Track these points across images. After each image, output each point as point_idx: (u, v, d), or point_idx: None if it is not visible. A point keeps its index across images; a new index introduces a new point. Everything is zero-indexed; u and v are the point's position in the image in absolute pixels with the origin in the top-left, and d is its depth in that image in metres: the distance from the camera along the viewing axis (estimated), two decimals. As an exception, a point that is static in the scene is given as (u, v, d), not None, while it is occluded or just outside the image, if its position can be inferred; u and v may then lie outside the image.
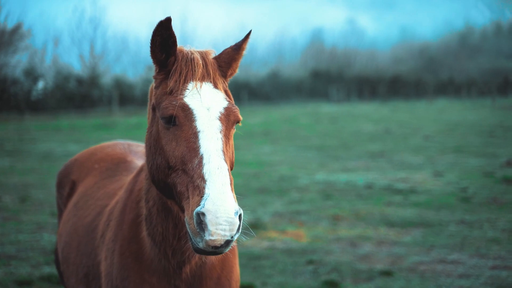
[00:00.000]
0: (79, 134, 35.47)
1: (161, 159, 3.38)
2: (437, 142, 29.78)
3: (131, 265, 3.89)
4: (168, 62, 3.50)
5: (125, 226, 3.99)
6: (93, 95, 61.29)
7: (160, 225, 3.72)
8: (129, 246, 3.92)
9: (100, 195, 4.77)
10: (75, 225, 4.76)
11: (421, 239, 11.62)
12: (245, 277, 9.43)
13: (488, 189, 16.72)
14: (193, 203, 3.12)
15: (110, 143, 5.74)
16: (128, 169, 4.98)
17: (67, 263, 4.77)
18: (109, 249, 4.07)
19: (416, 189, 16.78)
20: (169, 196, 3.46)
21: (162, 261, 3.80)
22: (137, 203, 3.98)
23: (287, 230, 12.22)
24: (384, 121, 44.84)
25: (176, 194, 3.31)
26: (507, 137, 31.65)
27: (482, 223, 12.76)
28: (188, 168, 3.22)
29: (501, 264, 10.03)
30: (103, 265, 4.11)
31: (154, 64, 3.53)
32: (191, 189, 3.17)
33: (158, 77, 3.54)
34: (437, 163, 22.24)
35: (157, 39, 3.44)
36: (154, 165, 3.44)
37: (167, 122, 3.36)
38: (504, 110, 59.23)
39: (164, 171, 3.36)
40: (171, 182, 3.33)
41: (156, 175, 3.44)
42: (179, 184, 3.26)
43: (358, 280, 9.41)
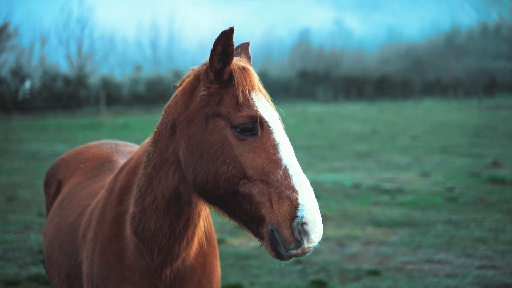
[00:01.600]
0: (66, 134, 35.36)
1: (229, 169, 3.41)
2: (424, 142, 29.88)
3: (112, 263, 3.89)
4: (224, 71, 3.51)
5: (106, 225, 3.99)
6: (80, 95, 61.12)
7: (154, 222, 3.72)
8: (110, 245, 3.93)
9: (83, 194, 4.77)
10: (59, 225, 4.76)
11: (408, 239, 11.67)
12: (233, 277, 9.45)
13: (474, 189, 16.80)
14: (284, 212, 3.25)
15: (98, 143, 5.73)
16: (112, 169, 4.97)
17: (50, 263, 4.78)
18: (89, 248, 4.07)
19: (403, 189, 16.84)
20: (223, 203, 3.52)
21: (146, 259, 3.80)
22: (120, 202, 3.98)
23: (274, 230, 12.23)
24: (371, 121, 44.94)
25: (252, 202, 3.36)
26: (493, 137, 31.80)
27: (468, 223, 12.82)
28: (271, 179, 3.33)
29: (487, 264, 10.09)
30: (84, 265, 4.12)
31: (210, 73, 3.52)
32: (277, 199, 3.29)
33: (213, 86, 3.53)
34: (424, 163, 22.32)
35: (219, 48, 3.46)
36: (213, 174, 3.45)
37: (243, 133, 3.42)
38: (490, 110, 59.51)
39: (233, 180, 3.40)
40: (243, 191, 3.38)
41: (215, 183, 3.45)
42: (258, 194, 3.34)
43: (346, 279, 9.44)
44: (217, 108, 3.48)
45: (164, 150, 3.67)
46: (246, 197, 3.38)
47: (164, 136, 3.68)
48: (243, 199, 3.39)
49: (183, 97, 3.65)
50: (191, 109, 3.57)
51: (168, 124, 3.67)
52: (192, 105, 3.58)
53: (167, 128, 3.67)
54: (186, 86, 3.66)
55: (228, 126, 3.44)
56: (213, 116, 3.49)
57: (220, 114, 3.47)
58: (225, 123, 3.45)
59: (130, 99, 66.98)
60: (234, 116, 3.43)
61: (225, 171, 3.41)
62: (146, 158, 3.79)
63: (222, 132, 3.45)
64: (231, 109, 3.45)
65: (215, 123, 3.48)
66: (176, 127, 3.62)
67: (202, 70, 3.60)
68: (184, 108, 3.60)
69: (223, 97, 3.50)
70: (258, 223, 3.37)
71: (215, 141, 3.46)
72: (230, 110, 3.45)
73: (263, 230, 3.34)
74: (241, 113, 3.42)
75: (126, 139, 6.50)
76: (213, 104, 3.50)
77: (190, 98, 3.60)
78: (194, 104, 3.56)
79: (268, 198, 3.31)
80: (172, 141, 3.63)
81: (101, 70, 75.42)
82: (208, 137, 3.48)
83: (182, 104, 3.63)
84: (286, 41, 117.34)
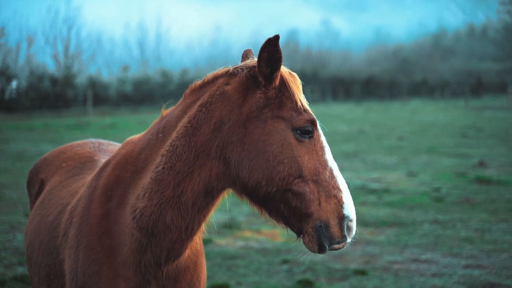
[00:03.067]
0: (53, 134, 35.23)
1: (286, 168, 3.61)
2: (411, 143, 29.98)
3: (103, 259, 3.88)
4: (274, 76, 3.69)
5: (93, 221, 3.97)
6: (67, 95, 60.93)
7: (171, 217, 3.77)
8: (100, 241, 3.92)
9: (63, 194, 4.75)
10: (39, 224, 4.74)
11: (395, 238, 11.70)
12: (219, 276, 9.45)
13: (461, 189, 16.87)
14: (333, 209, 3.59)
15: (81, 142, 5.69)
16: (93, 168, 4.95)
17: (30, 263, 4.76)
18: (72, 246, 4.05)
19: (390, 189, 16.89)
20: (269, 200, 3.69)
21: (147, 255, 3.83)
22: (108, 198, 3.97)
23: (262, 230, 12.25)
24: (359, 121, 45.05)
25: (303, 200, 3.60)
26: (479, 138, 31.95)
27: (455, 223, 12.88)
28: (320, 179, 3.62)
29: (473, 263, 10.13)
30: (67, 263, 4.10)
31: (260, 78, 3.70)
32: (325, 197, 3.59)
33: (269, 90, 3.72)
34: (411, 163, 22.40)
35: (264, 55, 3.63)
36: (269, 172, 3.63)
37: (303, 135, 3.66)
38: (477, 111, 59.80)
39: (288, 179, 3.60)
40: (296, 190, 3.60)
41: (270, 181, 3.63)
42: (309, 192, 3.60)
43: (333, 279, 9.46)
44: (278, 111, 3.68)
45: (203, 145, 3.73)
46: (298, 195, 3.60)
47: (204, 131, 3.73)
48: (294, 197, 3.61)
49: (234, 96, 3.74)
50: (245, 109, 3.70)
51: (211, 119, 3.73)
52: (246, 105, 3.71)
53: (210, 124, 3.73)
54: (238, 86, 3.76)
55: (288, 128, 3.65)
56: (272, 118, 3.67)
57: (282, 116, 3.68)
58: (286, 125, 3.66)
59: (117, 99, 66.87)
60: (296, 119, 3.66)
61: (282, 170, 3.61)
62: (170, 152, 3.78)
63: (282, 133, 3.65)
64: (292, 112, 3.68)
65: (274, 125, 3.67)
66: (223, 124, 3.71)
67: (253, 72, 3.76)
68: (237, 107, 3.72)
69: (283, 100, 3.71)
70: (303, 219, 3.62)
71: (273, 141, 3.65)
72: (292, 113, 3.67)
73: (308, 225, 3.60)
74: (302, 117, 3.67)
75: (113, 139, 6.48)
76: (273, 107, 3.69)
77: (244, 98, 3.73)
78: (249, 105, 3.70)
79: (317, 196, 3.59)
80: (216, 137, 3.71)
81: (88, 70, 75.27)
82: (265, 137, 3.65)
83: (234, 103, 3.73)
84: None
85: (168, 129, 3.87)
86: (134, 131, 4.63)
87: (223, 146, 3.69)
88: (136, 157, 3.96)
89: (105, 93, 65.77)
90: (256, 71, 3.70)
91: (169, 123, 3.88)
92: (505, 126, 39.23)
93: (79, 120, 48.67)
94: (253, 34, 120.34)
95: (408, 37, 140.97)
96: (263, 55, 3.64)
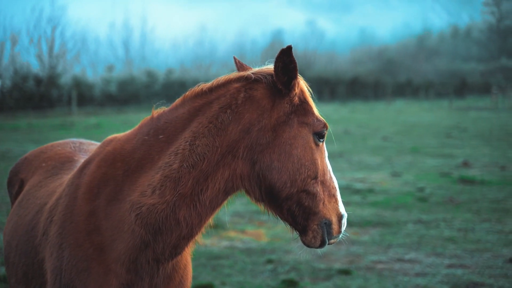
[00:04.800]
0: (38, 134, 35.08)
1: (306, 170, 3.89)
2: (395, 143, 30.09)
3: (93, 256, 3.88)
4: (292, 84, 3.90)
5: (80, 219, 3.96)
6: (51, 95, 60.56)
7: (183, 214, 3.86)
8: (90, 238, 3.91)
9: (40, 193, 4.73)
10: (16, 225, 4.73)
11: (379, 238, 11.76)
12: (204, 276, 9.46)
13: (444, 189, 16.96)
14: (334, 208, 3.97)
15: (62, 142, 5.65)
16: (72, 168, 4.93)
17: (7, 263, 4.74)
18: (55, 244, 4.03)
19: (374, 189, 16.95)
20: (286, 201, 3.91)
21: (147, 253, 3.87)
22: (96, 195, 3.96)
23: (246, 230, 12.27)
24: (344, 121, 45.12)
25: (314, 199, 3.91)
26: (463, 138, 32.10)
27: (438, 223, 12.95)
28: (325, 180, 3.96)
29: (456, 263, 10.20)
30: (49, 261, 4.08)
31: (279, 85, 3.89)
32: (328, 196, 3.94)
33: (295, 98, 3.95)
34: (395, 164, 22.48)
35: (279, 64, 3.83)
36: (293, 174, 3.87)
37: (319, 139, 3.97)
38: (461, 111, 60.05)
39: (306, 180, 3.88)
40: (312, 190, 3.90)
41: (293, 182, 3.88)
42: (320, 192, 3.92)
43: (317, 279, 9.49)
44: (303, 118, 3.95)
45: (229, 145, 3.84)
46: (311, 195, 3.90)
47: (231, 131, 3.84)
48: (308, 197, 3.90)
49: (264, 101, 3.92)
50: (274, 114, 3.91)
51: (240, 120, 3.85)
52: (275, 110, 3.92)
53: (239, 124, 3.85)
54: (266, 92, 3.94)
55: (310, 133, 3.93)
56: (298, 123, 3.93)
57: (306, 122, 3.95)
58: (308, 130, 3.93)
59: (102, 99, 66.58)
60: (316, 124, 3.96)
61: (303, 172, 3.87)
62: (189, 151, 3.84)
63: (305, 138, 3.92)
64: (314, 118, 3.97)
65: (299, 129, 3.92)
66: (252, 126, 3.86)
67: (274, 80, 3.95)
68: (267, 112, 3.91)
69: (306, 107, 3.98)
70: (309, 217, 3.91)
71: (298, 145, 3.90)
72: (314, 119, 3.97)
73: (314, 223, 3.91)
74: (320, 123, 3.97)
75: (98, 139, 6.45)
76: (299, 113, 3.95)
77: (273, 104, 3.92)
78: (278, 110, 3.91)
79: (322, 196, 3.92)
80: (244, 137, 3.85)
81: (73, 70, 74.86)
82: (292, 141, 3.89)
83: (264, 107, 3.91)
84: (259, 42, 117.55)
85: (173, 130, 3.92)
86: (119, 131, 4.62)
87: (251, 148, 3.84)
88: (128, 155, 3.97)
89: (90, 93, 65.47)
90: (275, 79, 3.89)
91: (172, 125, 3.93)
92: (489, 127, 39.44)
93: (64, 120, 48.45)
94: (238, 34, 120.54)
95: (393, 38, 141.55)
96: (279, 65, 3.83)
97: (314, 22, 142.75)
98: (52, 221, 4.17)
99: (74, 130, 36.70)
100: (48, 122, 45.13)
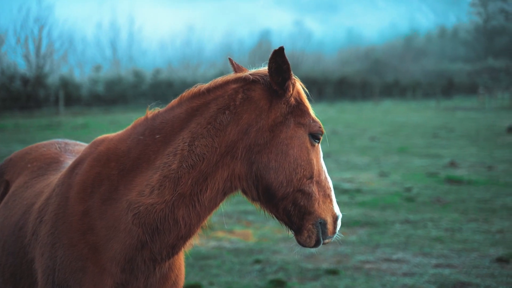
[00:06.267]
0: (24, 134, 34.94)
1: (301, 170, 3.91)
2: (383, 143, 30.16)
3: (88, 255, 3.88)
4: (286, 85, 3.94)
5: (73, 218, 3.96)
6: (38, 95, 60.41)
7: (182, 214, 3.89)
8: (84, 237, 3.91)
9: (27, 194, 4.71)
10: (2, 225, 4.70)
11: (367, 238, 11.78)
12: (192, 276, 9.45)
13: (432, 189, 17.01)
14: (329, 208, 3.99)
15: (47, 142, 5.62)
16: (58, 169, 4.92)
17: None
18: (47, 243, 4.03)
19: (362, 189, 16.99)
20: (281, 200, 3.94)
21: (144, 252, 3.87)
22: (89, 195, 3.97)
23: (234, 230, 12.26)
24: (331, 122, 45.16)
25: (309, 199, 3.93)
26: (450, 138, 32.21)
27: (425, 223, 12.99)
28: (320, 180, 3.98)
29: (444, 263, 10.23)
30: (40, 261, 4.07)
31: (274, 86, 3.93)
32: (323, 197, 3.96)
33: (291, 99, 4.00)
34: (383, 164, 22.54)
35: (273, 65, 3.88)
36: (289, 174, 3.91)
37: (315, 140, 4.01)
38: (448, 111, 60.26)
39: (302, 180, 3.91)
40: (307, 190, 3.92)
41: (289, 182, 3.91)
42: (315, 192, 3.94)
43: (305, 279, 9.50)
44: (300, 118, 3.99)
45: (228, 146, 3.88)
46: (307, 194, 3.92)
47: (230, 132, 3.88)
48: (303, 196, 3.92)
49: (261, 101, 3.96)
50: (272, 115, 3.94)
51: (238, 121, 3.89)
52: (273, 111, 3.95)
53: (238, 125, 3.89)
54: (264, 93, 3.98)
55: (306, 133, 3.98)
56: (295, 123, 3.96)
57: (303, 123, 3.99)
58: (305, 130, 3.97)
59: (89, 99, 66.47)
60: (312, 125, 4.00)
61: (299, 172, 3.90)
62: (188, 152, 3.87)
63: (302, 138, 3.96)
64: (310, 119, 4.02)
65: (296, 130, 3.96)
66: (250, 127, 3.90)
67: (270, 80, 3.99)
68: (265, 112, 3.95)
69: (302, 108, 4.03)
70: (304, 217, 3.94)
71: (295, 145, 3.93)
72: (310, 120, 4.01)
73: (309, 222, 3.93)
74: (316, 123, 4.02)
75: (85, 140, 6.42)
76: (296, 114, 3.99)
77: (270, 104, 3.96)
78: (275, 111, 3.95)
79: (318, 196, 3.94)
80: (243, 138, 3.89)
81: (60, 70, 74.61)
82: (288, 141, 3.92)
83: (262, 108, 3.95)
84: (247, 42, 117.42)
85: (170, 130, 3.94)
86: (106, 131, 4.62)
87: (250, 148, 3.88)
88: (123, 155, 3.98)
89: (77, 93, 65.36)
90: (270, 80, 3.93)
91: (169, 125, 3.96)
92: (476, 127, 39.58)
93: (51, 120, 48.29)
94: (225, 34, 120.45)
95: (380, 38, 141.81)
96: (272, 66, 3.88)
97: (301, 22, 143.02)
98: (42, 221, 4.16)
99: (61, 130, 36.58)
100: (35, 122, 44.96)
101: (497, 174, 19.70)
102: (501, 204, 14.85)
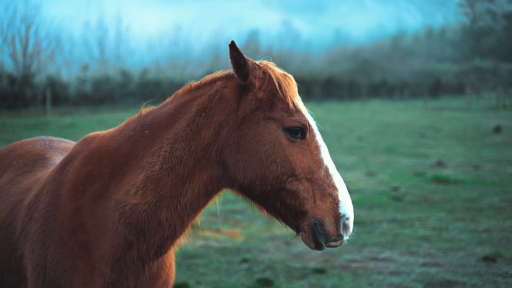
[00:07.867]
0: (11, 133, 34.77)
1: (278, 168, 3.74)
2: (370, 143, 30.21)
3: (78, 254, 3.88)
4: (249, 79, 3.83)
5: (64, 216, 3.96)
6: (26, 95, 60.13)
7: (165, 215, 3.87)
8: (75, 236, 3.91)
9: (14, 191, 4.68)
10: None
11: (354, 237, 11.78)
12: (179, 276, 9.44)
13: (419, 188, 17.07)
14: (329, 207, 3.70)
15: (32, 140, 5.59)
16: (45, 166, 4.90)
17: None
18: (37, 240, 4.02)
19: (349, 189, 16.77)
20: (266, 199, 3.83)
21: (132, 252, 3.87)
22: (81, 192, 3.97)
23: (222, 229, 12.26)
24: (319, 121, 44.39)
25: (297, 198, 3.72)
26: (437, 138, 32.32)
27: (413, 222, 13.03)
28: (315, 178, 3.73)
29: (431, 261, 10.27)
30: (29, 258, 4.06)
31: (240, 81, 3.84)
32: (320, 195, 3.71)
33: (259, 92, 3.84)
34: (370, 163, 22.58)
35: (232, 61, 3.79)
36: (262, 172, 3.76)
37: (293, 135, 3.77)
38: (435, 111, 60.46)
39: (281, 178, 3.73)
40: (290, 188, 3.72)
41: (263, 180, 3.76)
42: (303, 191, 3.71)
43: (292, 278, 9.51)
44: (269, 113, 3.81)
45: (203, 149, 3.85)
46: (291, 193, 3.73)
47: (204, 136, 3.85)
48: (288, 195, 3.74)
49: (231, 99, 3.88)
50: (240, 112, 3.83)
51: (211, 124, 3.86)
52: (241, 108, 3.84)
53: (210, 128, 3.85)
54: (234, 89, 3.89)
55: (279, 128, 3.78)
56: (264, 119, 3.81)
57: (273, 118, 3.81)
58: (277, 125, 3.79)
59: (76, 99, 66.28)
60: (286, 119, 3.79)
61: (275, 170, 3.74)
62: (169, 153, 3.86)
63: (274, 134, 3.78)
64: (283, 113, 3.80)
65: (266, 125, 3.80)
66: (222, 128, 3.85)
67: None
68: (234, 111, 3.86)
69: (274, 102, 3.83)
70: (299, 217, 3.76)
71: (266, 141, 3.78)
72: (283, 114, 3.80)
73: (304, 223, 3.74)
74: (293, 118, 3.79)
75: (73, 139, 6.40)
76: (265, 108, 3.82)
77: (238, 102, 3.86)
78: (244, 107, 3.83)
79: (312, 195, 3.71)
80: (216, 141, 3.84)
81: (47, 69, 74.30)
82: (258, 138, 3.79)
83: (232, 106, 3.87)
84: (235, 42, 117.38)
85: (158, 126, 3.95)
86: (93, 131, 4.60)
87: (222, 150, 3.83)
88: (114, 152, 3.99)
89: (65, 93, 65.15)
90: (235, 76, 3.85)
91: (158, 120, 3.96)
92: (463, 127, 39.74)
93: (38, 120, 48.10)
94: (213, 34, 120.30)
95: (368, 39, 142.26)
96: (231, 61, 3.78)
97: (289, 22, 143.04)
98: (32, 218, 4.15)
99: (49, 130, 36.43)
100: (22, 122, 44.77)
101: (484, 173, 19.79)
102: (487, 203, 14.92)
